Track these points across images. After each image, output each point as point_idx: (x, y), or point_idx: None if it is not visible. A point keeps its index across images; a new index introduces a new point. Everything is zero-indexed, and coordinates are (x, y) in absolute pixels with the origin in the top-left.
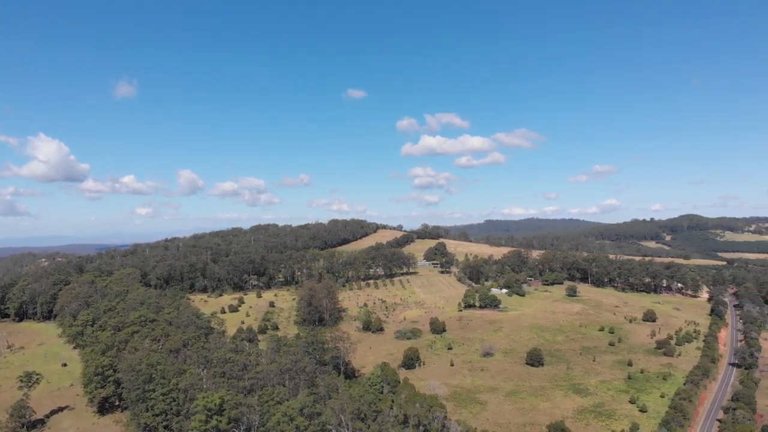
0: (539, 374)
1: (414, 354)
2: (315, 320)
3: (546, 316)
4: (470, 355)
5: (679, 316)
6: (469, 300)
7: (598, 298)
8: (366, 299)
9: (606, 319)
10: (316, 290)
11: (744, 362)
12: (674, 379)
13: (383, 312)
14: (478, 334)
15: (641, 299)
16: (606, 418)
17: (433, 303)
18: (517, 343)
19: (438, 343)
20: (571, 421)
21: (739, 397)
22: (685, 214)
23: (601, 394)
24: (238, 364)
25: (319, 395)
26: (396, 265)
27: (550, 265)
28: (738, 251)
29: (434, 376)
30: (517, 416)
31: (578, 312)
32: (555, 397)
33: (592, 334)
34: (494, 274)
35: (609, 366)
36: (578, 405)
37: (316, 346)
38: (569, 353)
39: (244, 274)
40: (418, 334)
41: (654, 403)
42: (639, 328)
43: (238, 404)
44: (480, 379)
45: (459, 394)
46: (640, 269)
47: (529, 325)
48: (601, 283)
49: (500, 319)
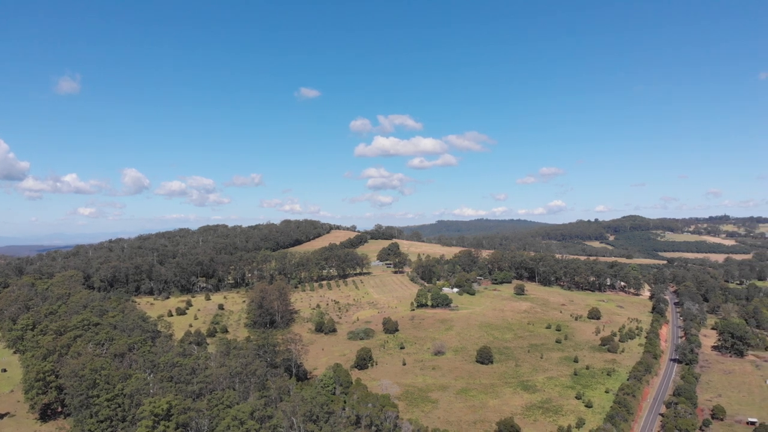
0: (489, 372)
1: (367, 354)
2: (266, 322)
3: (495, 314)
4: (422, 354)
5: (622, 314)
6: (421, 299)
7: (545, 296)
8: (319, 300)
9: (553, 317)
10: (267, 292)
11: (685, 358)
12: (618, 375)
13: (336, 313)
14: (430, 333)
15: (586, 297)
16: (553, 414)
17: (387, 303)
18: (467, 342)
19: (390, 343)
20: (520, 418)
21: (681, 392)
22: (628, 215)
23: (548, 391)
24: (186, 368)
25: (271, 398)
26: (350, 266)
27: (499, 264)
28: (678, 251)
29: (387, 376)
30: (467, 414)
31: (526, 310)
32: (504, 394)
33: (540, 331)
34: (446, 273)
35: (556, 363)
36: (526, 401)
37: (268, 349)
38: (518, 351)
39: (192, 276)
40: (371, 334)
41: (599, 399)
42: (584, 325)
43: (186, 409)
44: (431, 378)
45: (411, 393)
46: (585, 268)
47: (479, 323)
48: (547, 282)
49: (451, 317)
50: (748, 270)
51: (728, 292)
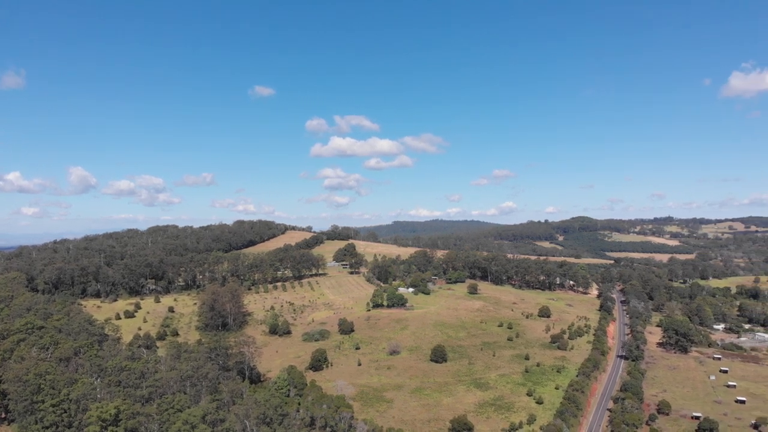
0: (443, 370)
1: (322, 355)
2: (218, 325)
3: (449, 313)
4: (377, 353)
5: (571, 312)
6: (377, 299)
7: (497, 295)
8: (273, 302)
9: (505, 315)
10: (219, 294)
11: (631, 354)
12: (568, 372)
13: (291, 314)
14: (386, 333)
15: (537, 296)
16: (505, 411)
17: (342, 304)
18: (422, 341)
19: (346, 344)
20: (473, 415)
21: (628, 387)
22: (576, 216)
23: (500, 388)
24: (135, 372)
25: (223, 401)
26: (305, 267)
27: (453, 264)
28: (624, 251)
29: (342, 377)
30: (421, 412)
31: (479, 309)
32: (458, 392)
33: (492, 329)
34: (402, 273)
35: (508, 360)
36: (479, 399)
37: (220, 352)
38: (471, 349)
39: (141, 278)
40: (327, 335)
41: (549, 395)
42: (535, 323)
43: (135, 414)
44: (386, 378)
45: (366, 393)
46: (535, 268)
47: (433, 322)
48: (500, 281)
49: (406, 317)
50: (691, 269)
51: (672, 290)
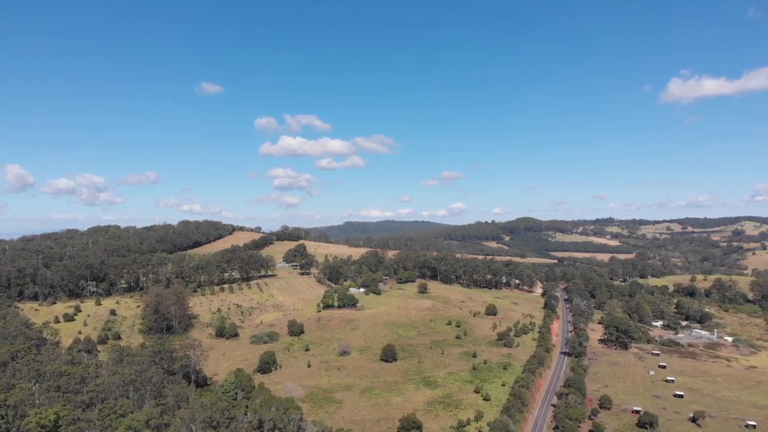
0: (393, 369)
1: (270, 358)
2: (163, 328)
3: (400, 312)
4: (328, 354)
5: (517, 310)
6: (327, 300)
7: (446, 294)
8: (220, 304)
9: (453, 313)
10: (163, 296)
11: (574, 351)
12: (513, 369)
13: (239, 317)
14: (336, 334)
15: (484, 295)
16: (454, 408)
17: (292, 305)
18: (372, 340)
19: (296, 345)
20: (422, 413)
21: (571, 383)
22: (522, 217)
23: (449, 386)
24: (75, 377)
25: (168, 406)
26: (254, 268)
27: (404, 264)
28: (567, 250)
29: (291, 379)
30: (371, 412)
31: (428, 308)
32: (407, 390)
33: (441, 328)
34: (353, 274)
35: (456, 358)
36: (428, 397)
37: (164, 355)
38: (420, 347)
39: (81, 280)
40: (276, 337)
41: (496, 392)
42: (482, 321)
43: (75, 420)
44: (336, 378)
45: (316, 394)
46: (483, 267)
47: (384, 322)
48: (449, 280)
49: (357, 317)
50: (630, 268)
51: (613, 288)
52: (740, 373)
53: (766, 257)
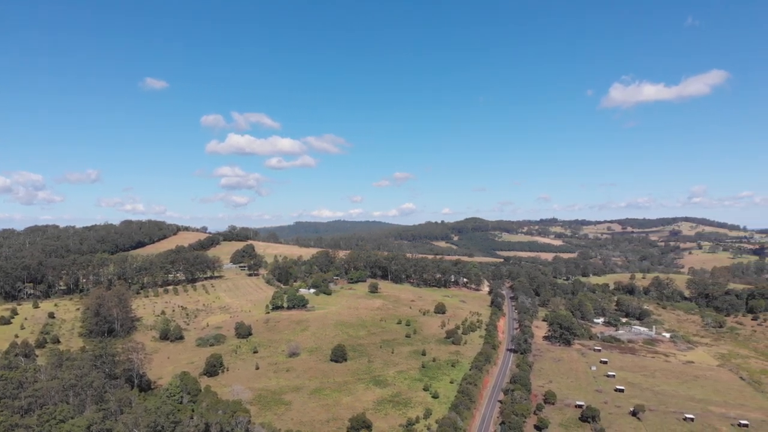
0: (342, 369)
1: (217, 360)
2: (104, 331)
3: (350, 312)
4: (276, 356)
5: (465, 308)
6: (277, 302)
7: (396, 293)
8: (164, 306)
9: (403, 312)
10: (105, 298)
11: (520, 348)
12: (462, 366)
13: (184, 319)
14: (285, 335)
15: (433, 293)
16: (403, 407)
17: (240, 307)
18: (322, 341)
19: (243, 347)
20: (372, 413)
21: (517, 379)
22: (470, 217)
23: (398, 384)
24: (12, 382)
25: (110, 411)
26: (199, 269)
27: (355, 264)
28: (513, 250)
29: (239, 381)
30: (321, 413)
31: (379, 307)
32: (357, 390)
33: (391, 327)
34: (303, 274)
35: (406, 357)
36: (378, 396)
37: (106, 359)
38: (371, 347)
39: (18, 282)
40: (222, 339)
41: (445, 389)
42: (431, 319)
43: (13, 426)
44: (285, 380)
45: (264, 396)
46: (432, 266)
47: (334, 322)
48: (399, 280)
49: (307, 318)
50: (573, 267)
51: (557, 287)
52: (678, 368)
53: (701, 256)
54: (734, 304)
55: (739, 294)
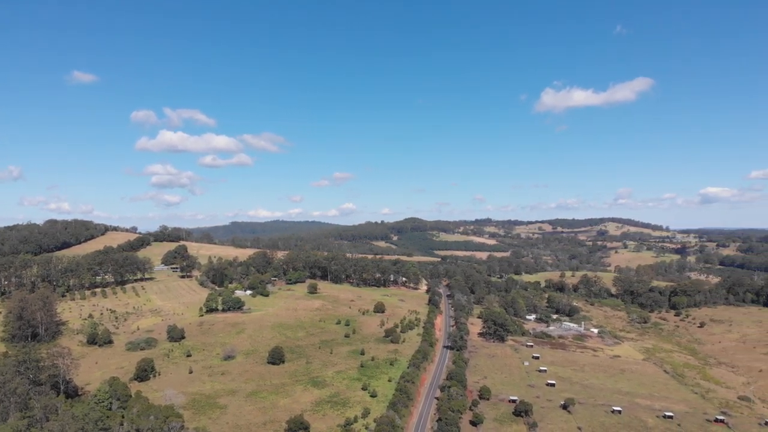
0: (280, 372)
1: (148, 365)
2: (27, 336)
3: (288, 314)
4: (211, 360)
5: (403, 307)
6: (211, 304)
7: (336, 293)
8: (92, 310)
9: (342, 312)
10: (28, 301)
11: (456, 345)
12: (400, 364)
13: (113, 323)
14: (220, 338)
15: (373, 293)
16: (341, 407)
17: (172, 309)
18: (259, 343)
19: (176, 351)
20: (310, 414)
21: (453, 376)
22: (409, 218)
23: (337, 384)
24: None
25: (35, 418)
26: (129, 271)
27: (293, 264)
28: (450, 249)
29: (171, 386)
30: (257, 416)
31: (318, 308)
32: (295, 392)
33: (330, 327)
34: (239, 276)
35: (344, 357)
36: (316, 397)
37: (30, 365)
38: (309, 348)
39: None
40: (154, 343)
41: (383, 388)
42: (371, 319)
43: None
44: (220, 384)
45: (198, 401)
46: (372, 266)
47: (272, 324)
48: (339, 280)
49: (243, 320)
50: (506, 265)
51: (491, 285)
52: (605, 362)
53: (627, 255)
54: (658, 300)
55: (663, 291)
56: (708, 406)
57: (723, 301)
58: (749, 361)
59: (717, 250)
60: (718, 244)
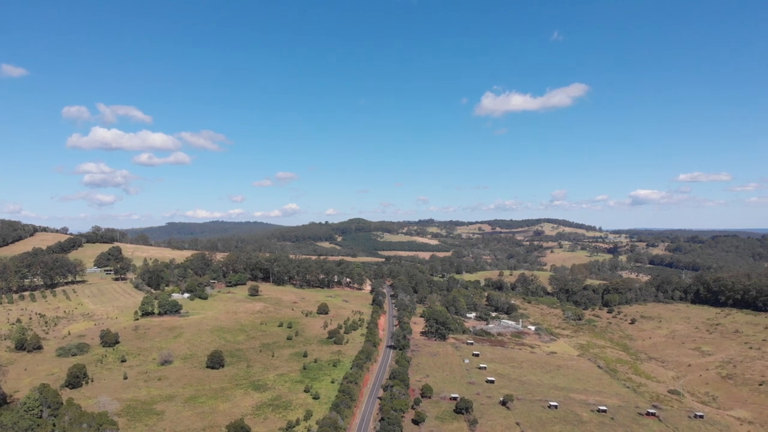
0: (220, 376)
1: (80, 371)
2: None
3: (228, 317)
4: (147, 365)
5: (347, 308)
6: (147, 308)
7: (278, 295)
8: (20, 314)
9: (285, 314)
10: None
11: (399, 344)
12: (343, 365)
13: (43, 328)
14: (157, 343)
15: (316, 294)
16: (283, 410)
17: (106, 313)
18: (197, 348)
19: (110, 357)
20: (250, 418)
21: (396, 375)
22: (354, 218)
23: (278, 388)
24: None
25: None
26: (60, 274)
27: (234, 266)
28: (394, 249)
29: (105, 392)
30: (196, 421)
31: (260, 310)
32: (235, 396)
33: (272, 330)
34: (176, 278)
35: (287, 359)
36: (257, 401)
37: None
38: (250, 351)
39: None
40: (86, 349)
41: (326, 390)
42: (314, 320)
43: None
44: (157, 389)
45: (133, 407)
46: (316, 267)
47: (211, 328)
48: (281, 282)
49: (181, 324)
50: (448, 265)
51: (433, 284)
52: (542, 359)
53: (562, 255)
54: (591, 298)
55: (596, 289)
56: (640, 400)
57: (653, 298)
58: (678, 356)
59: (647, 249)
60: (648, 244)
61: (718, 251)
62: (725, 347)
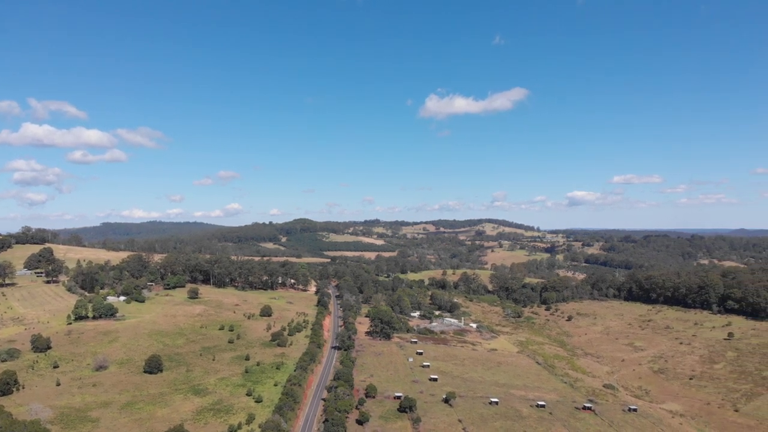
0: (158, 381)
1: (10, 378)
2: None
3: (167, 320)
4: (81, 371)
5: (292, 309)
6: (80, 311)
7: (219, 298)
8: None
9: (226, 317)
10: None
11: (344, 345)
12: (286, 368)
13: None
14: (91, 348)
15: (259, 296)
16: (224, 414)
17: (37, 318)
18: (134, 352)
19: (42, 363)
20: (190, 423)
21: (340, 376)
22: (299, 218)
23: (219, 392)
24: None
25: None
26: None
27: (172, 268)
28: (339, 250)
29: (37, 400)
30: (133, 428)
31: (200, 313)
32: (174, 401)
33: (213, 333)
34: (111, 281)
35: (228, 363)
36: (197, 406)
37: None
38: (189, 355)
39: None
40: (16, 354)
41: (269, 392)
42: (257, 323)
43: None
44: (92, 396)
45: (67, 414)
46: (259, 268)
47: (148, 331)
48: (222, 284)
49: (117, 328)
50: (393, 265)
51: (378, 284)
52: (484, 356)
53: (502, 254)
54: (530, 296)
55: (534, 287)
56: (576, 395)
57: (588, 296)
58: (612, 352)
59: (583, 249)
60: (584, 243)
61: (649, 250)
62: (657, 342)
